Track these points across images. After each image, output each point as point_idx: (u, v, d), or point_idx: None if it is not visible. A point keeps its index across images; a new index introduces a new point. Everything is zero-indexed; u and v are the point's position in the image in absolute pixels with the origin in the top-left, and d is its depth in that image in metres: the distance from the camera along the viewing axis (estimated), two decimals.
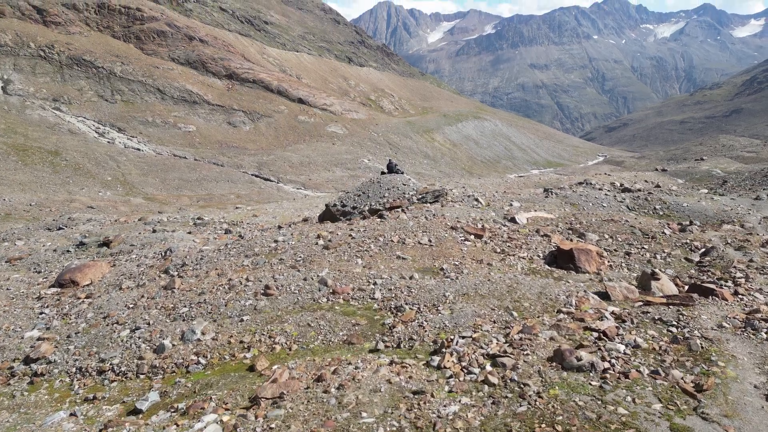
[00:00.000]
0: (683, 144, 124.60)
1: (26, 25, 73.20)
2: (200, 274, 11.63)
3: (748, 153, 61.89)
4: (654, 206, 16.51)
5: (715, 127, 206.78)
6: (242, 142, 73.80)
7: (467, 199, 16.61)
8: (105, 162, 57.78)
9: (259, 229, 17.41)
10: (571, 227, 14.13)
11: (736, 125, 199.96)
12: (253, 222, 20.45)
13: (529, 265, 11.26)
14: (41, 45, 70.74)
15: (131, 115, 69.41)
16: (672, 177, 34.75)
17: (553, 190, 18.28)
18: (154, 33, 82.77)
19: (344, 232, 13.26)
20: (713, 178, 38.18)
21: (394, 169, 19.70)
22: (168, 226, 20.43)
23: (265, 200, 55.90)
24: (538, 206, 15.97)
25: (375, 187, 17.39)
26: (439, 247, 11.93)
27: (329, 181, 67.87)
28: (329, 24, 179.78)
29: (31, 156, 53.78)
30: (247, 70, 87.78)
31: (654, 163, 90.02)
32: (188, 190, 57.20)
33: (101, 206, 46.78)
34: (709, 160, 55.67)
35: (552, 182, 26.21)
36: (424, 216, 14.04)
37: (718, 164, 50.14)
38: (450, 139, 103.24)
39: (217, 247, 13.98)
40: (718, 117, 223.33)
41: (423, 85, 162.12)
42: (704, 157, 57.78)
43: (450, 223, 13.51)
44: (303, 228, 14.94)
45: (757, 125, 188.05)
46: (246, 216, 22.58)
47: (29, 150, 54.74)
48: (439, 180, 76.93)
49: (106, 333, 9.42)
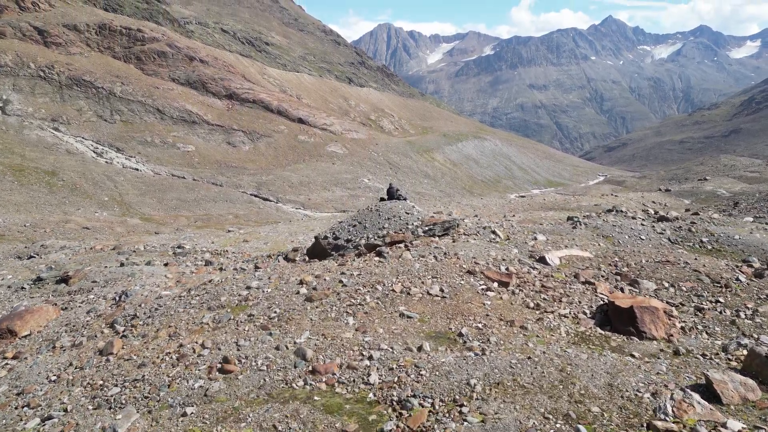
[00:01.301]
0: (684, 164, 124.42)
1: (27, 45, 73.40)
2: (148, 333, 9.46)
3: (750, 173, 61.42)
4: (700, 238, 14.16)
5: (715, 147, 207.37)
6: (241, 162, 73.42)
7: (483, 231, 14.29)
8: (102, 182, 57.26)
9: (243, 260, 15.84)
10: (618, 271, 11.68)
11: (735, 145, 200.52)
12: (240, 250, 19.12)
13: (575, 328, 8.58)
14: (41, 65, 70.81)
15: (130, 135, 69.14)
16: (678, 197, 34.17)
17: (581, 220, 16.06)
18: (155, 53, 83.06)
19: (333, 277, 10.89)
20: (719, 198, 37.60)
21: (395, 194, 17.42)
22: (143, 256, 18.69)
23: (264, 220, 55.18)
24: (567, 240, 13.86)
25: (373, 216, 15.18)
26: (455, 299, 9.43)
27: (329, 200, 67.30)
28: (330, 45, 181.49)
29: (28, 176, 53.27)
30: (247, 90, 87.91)
31: (655, 183, 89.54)
32: (186, 210, 56.57)
33: (97, 227, 46.10)
34: (713, 180, 55.19)
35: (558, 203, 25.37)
36: (433, 255, 11.79)
37: (722, 184, 49.64)
38: (450, 158, 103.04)
39: (180, 293, 11.82)
40: (717, 137, 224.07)
41: (423, 105, 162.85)
42: (707, 177, 57.33)
43: (466, 265, 11.09)
44: (284, 269, 12.74)
45: (757, 145, 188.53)
46: (236, 241, 21.23)
47: (26, 170, 54.24)
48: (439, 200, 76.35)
49: (9, 422, 7.19)
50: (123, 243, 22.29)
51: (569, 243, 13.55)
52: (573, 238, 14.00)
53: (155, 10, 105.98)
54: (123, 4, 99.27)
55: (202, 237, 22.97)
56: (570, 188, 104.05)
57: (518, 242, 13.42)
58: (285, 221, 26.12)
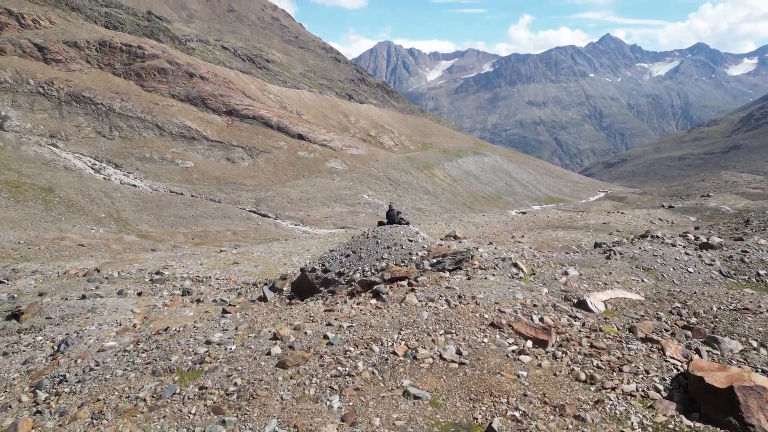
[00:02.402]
0: (684, 180, 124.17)
1: (27, 62, 73.45)
2: (69, 410, 7.42)
3: (753, 189, 60.96)
4: (756, 270, 11.94)
5: (714, 163, 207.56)
6: (240, 178, 72.99)
7: (502, 264, 11.68)
8: (99, 198, 56.72)
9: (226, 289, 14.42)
10: (686, 323, 9.10)
11: (735, 161, 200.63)
12: (227, 274, 17.66)
13: (651, 417, 6.07)
14: (41, 82, 70.76)
15: (129, 151, 68.80)
16: (683, 214, 33.57)
17: (614, 248, 14.04)
18: (155, 70, 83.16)
19: (317, 329, 8.51)
20: (725, 215, 37.00)
21: (395, 218, 15.06)
22: (117, 284, 17.19)
23: (262, 236, 54.53)
24: (603, 275, 11.54)
25: (370, 244, 13.02)
26: (477, 367, 7.01)
27: (328, 216, 66.70)
28: (330, 62, 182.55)
29: (24, 193, 52.74)
30: (247, 107, 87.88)
31: (657, 199, 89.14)
32: (183, 226, 55.95)
33: (93, 244, 45.45)
34: (716, 196, 54.68)
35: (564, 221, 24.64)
36: (445, 298, 9.24)
37: (726, 201, 49.07)
38: (450, 174, 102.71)
39: (127, 344, 9.85)
40: (716, 153, 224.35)
41: (422, 121, 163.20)
42: (710, 194, 56.82)
43: (488, 314, 8.58)
44: (257, 315, 10.27)
45: (757, 161, 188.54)
46: (225, 264, 19.83)
47: (22, 187, 53.73)
48: (440, 215, 75.80)
49: None
50: (103, 265, 21.08)
51: (608, 279, 11.26)
52: (610, 272, 11.72)
53: (156, 27, 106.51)
54: (124, 22, 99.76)
55: (193, 257, 21.86)
56: (571, 204, 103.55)
57: (546, 278, 11.04)
58: (281, 239, 24.82)
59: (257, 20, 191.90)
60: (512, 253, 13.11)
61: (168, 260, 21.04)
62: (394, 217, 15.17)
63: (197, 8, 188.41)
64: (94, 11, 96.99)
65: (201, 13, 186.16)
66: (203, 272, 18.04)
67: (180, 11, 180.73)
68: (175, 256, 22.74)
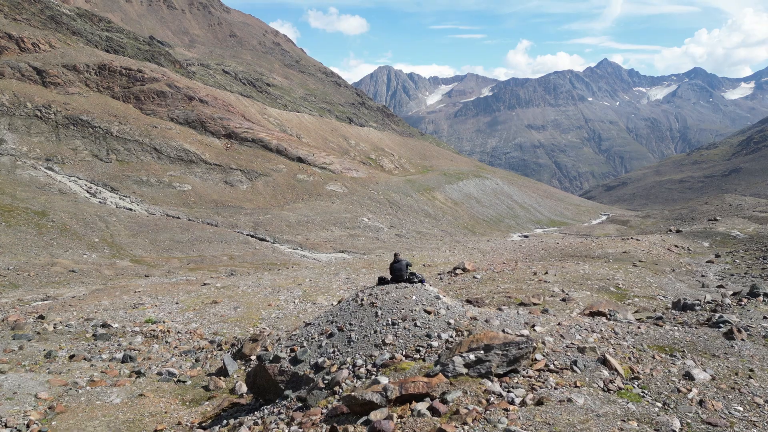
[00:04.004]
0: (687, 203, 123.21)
1: (25, 85, 73.05)
2: None
3: (761, 213, 59.83)
4: None
5: (715, 186, 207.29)
6: (239, 201, 71.90)
7: (581, 359, 7.75)
8: (93, 222, 55.53)
9: (182, 352, 11.42)
10: None
11: (736, 184, 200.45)
12: (199, 319, 14.82)
13: None
14: (38, 105, 70.22)
15: (125, 175, 67.86)
16: (694, 240, 32.32)
17: (724, 317, 10.08)
18: (154, 93, 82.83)
19: None
20: (736, 240, 35.76)
21: (404, 272, 10.37)
22: (48, 342, 13.87)
23: (259, 261, 53.13)
24: (746, 377, 7.73)
25: (366, 316, 8.94)
26: None
27: (327, 240, 65.40)
28: (331, 86, 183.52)
29: (16, 217, 51.54)
30: (246, 130, 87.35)
31: (660, 223, 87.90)
32: (179, 251, 54.62)
33: (84, 269, 44.08)
34: (723, 220, 53.50)
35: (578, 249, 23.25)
36: None
37: (734, 225, 47.86)
38: (451, 197, 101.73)
39: None
40: (717, 176, 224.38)
41: (423, 144, 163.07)
42: (717, 217, 55.65)
43: None
44: None
45: (758, 184, 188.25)
46: (204, 302, 17.27)
47: (15, 211, 52.58)
48: (441, 239, 74.48)
49: None
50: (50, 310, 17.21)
51: (763, 389, 7.29)
52: (751, 369, 7.84)
53: (157, 51, 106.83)
54: (125, 46, 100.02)
55: (171, 293, 19.58)
56: (573, 228, 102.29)
57: (662, 390, 7.11)
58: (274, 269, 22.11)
59: (258, 45, 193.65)
60: (589, 334, 8.91)
61: (143, 296, 19.15)
62: (402, 271, 10.38)
63: (199, 34, 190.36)
64: (95, 35, 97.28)
65: (203, 38, 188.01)
66: (173, 315, 15.44)
67: (182, 36, 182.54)
68: (153, 292, 20.59)
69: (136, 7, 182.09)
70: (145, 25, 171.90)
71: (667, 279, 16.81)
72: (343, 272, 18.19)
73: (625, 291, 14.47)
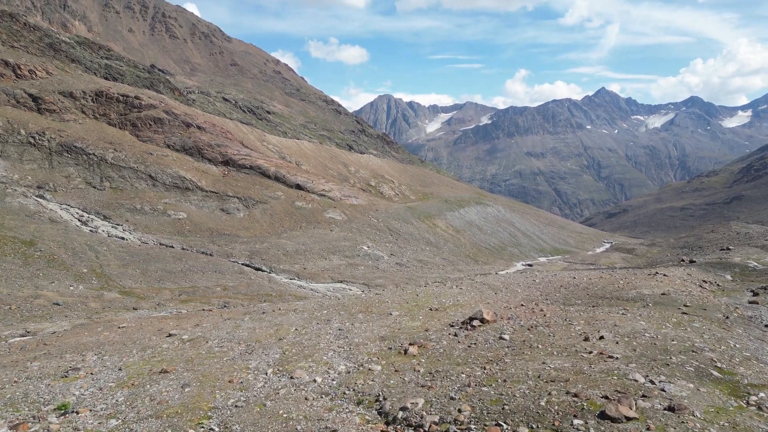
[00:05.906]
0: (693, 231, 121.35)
1: (20, 112, 71.98)
2: None
3: None
4: None
5: (717, 214, 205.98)
6: (235, 230, 70.01)
7: None
8: (83, 252, 53.52)
9: None
10: None
11: (738, 212, 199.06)
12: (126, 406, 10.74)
13: None
14: (32, 132, 68.96)
15: (119, 202, 66.14)
16: (714, 272, 30.33)
17: None
18: (151, 120, 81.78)
19: None
20: (756, 272, 33.75)
21: None
22: None
23: (254, 293, 50.90)
24: None
25: None
26: None
27: (325, 270, 63.26)
28: (331, 114, 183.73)
29: (2, 247, 49.61)
30: (244, 156, 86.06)
31: (667, 251, 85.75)
32: (171, 282, 52.47)
33: (69, 303, 41.87)
34: (736, 249, 51.52)
35: (606, 288, 20.99)
36: None
37: (749, 255, 45.87)
38: (452, 225, 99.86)
39: None
40: (719, 204, 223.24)
41: (423, 171, 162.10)
42: (730, 247, 53.69)
43: None
44: None
45: (760, 212, 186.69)
46: (151, 370, 13.39)
47: (1, 240, 50.68)
48: (443, 268, 72.24)
49: None
50: None
51: None
52: None
53: (156, 79, 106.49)
54: (124, 74, 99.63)
55: (121, 351, 14.93)
56: (578, 256, 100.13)
57: None
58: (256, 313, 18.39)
59: (259, 74, 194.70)
60: None
61: (87, 351, 16.19)
62: None
63: (200, 62, 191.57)
64: (93, 63, 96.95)
65: (204, 66, 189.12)
66: (96, 398, 11.28)
67: (183, 65, 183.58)
68: (100, 347, 16.68)
69: (139, 36, 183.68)
70: (147, 54, 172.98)
71: (736, 335, 12.98)
72: (336, 318, 15.92)
73: (732, 374, 10.00)
